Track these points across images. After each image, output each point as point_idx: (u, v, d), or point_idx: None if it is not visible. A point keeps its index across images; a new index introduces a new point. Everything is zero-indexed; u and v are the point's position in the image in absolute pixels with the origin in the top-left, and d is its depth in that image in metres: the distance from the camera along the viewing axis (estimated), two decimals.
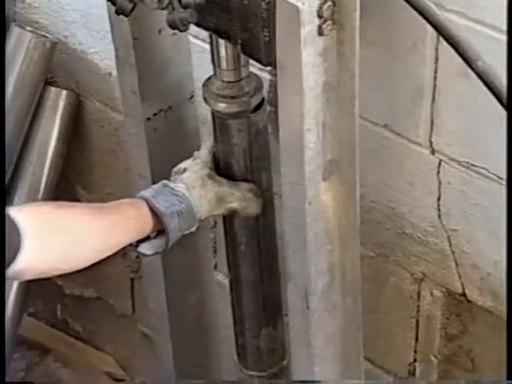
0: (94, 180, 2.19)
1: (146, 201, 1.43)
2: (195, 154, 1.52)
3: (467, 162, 1.50)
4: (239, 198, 1.48)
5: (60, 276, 2.40)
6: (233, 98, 1.44)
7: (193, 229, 1.47)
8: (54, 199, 2.17)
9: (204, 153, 1.51)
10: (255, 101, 1.45)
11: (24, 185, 2.12)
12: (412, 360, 1.74)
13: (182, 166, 1.50)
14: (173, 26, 1.33)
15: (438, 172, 1.54)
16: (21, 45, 2.00)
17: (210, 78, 1.46)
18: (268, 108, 1.54)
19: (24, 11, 2.05)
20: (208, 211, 1.47)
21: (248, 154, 1.49)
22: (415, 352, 1.73)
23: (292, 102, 1.26)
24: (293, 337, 1.47)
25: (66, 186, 2.22)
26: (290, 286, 1.43)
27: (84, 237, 1.35)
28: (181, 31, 1.34)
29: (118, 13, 1.38)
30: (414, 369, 1.75)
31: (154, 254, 1.45)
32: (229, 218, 1.57)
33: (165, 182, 1.47)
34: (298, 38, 1.20)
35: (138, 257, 2.14)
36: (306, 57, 1.22)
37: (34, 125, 2.09)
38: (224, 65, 1.43)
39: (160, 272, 1.70)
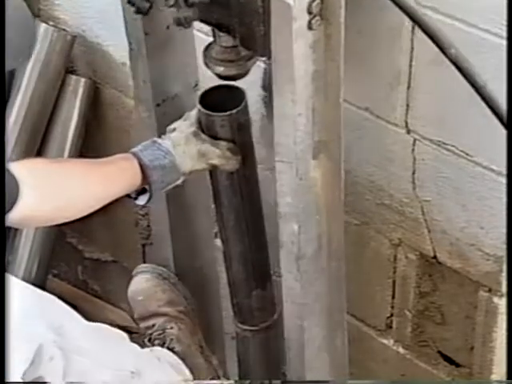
0: None
1: (134, 155, 1.42)
2: (186, 114, 1.51)
3: (439, 141, 1.50)
4: (218, 155, 1.47)
5: (80, 241, 2.40)
6: (230, 61, 1.42)
7: (178, 182, 1.46)
8: None
9: (193, 114, 1.49)
10: (250, 64, 1.42)
11: None
12: (389, 314, 1.74)
13: (173, 125, 1.49)
14: (178, 23, 1.32)
15: (413, 149, 1.54)
16: (45, 38, 1.99)
17: (209, 44, 1.43)
18: (262, 93, 1.53)
19: (47, 8, 2.04)
20: (191, 166, 1.46)
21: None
22: (392, 307, 1.73)
23: (285, 89, 1.25)
24: (285, 295, 1.47)
25: None
26: (282, 252, 1.43)
27: (80, 186, 1.34)
28: (185, 27, 1.33)
29: (137, 12, 1.37)
30: (391, 322, 1.75)
31: (146, 203, 1.44)
32: (219, 200, 1.56)
33: (155, 139, 1.46)
34: (290, 32, 1.19)
35: (148, 225, 2.14)
36: (297, 49, 1.21)
37: (57, 108, 2.08)
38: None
39: (168, 240, 1.70)
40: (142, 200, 1.44)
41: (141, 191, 1.44)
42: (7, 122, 1.99)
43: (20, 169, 1.25)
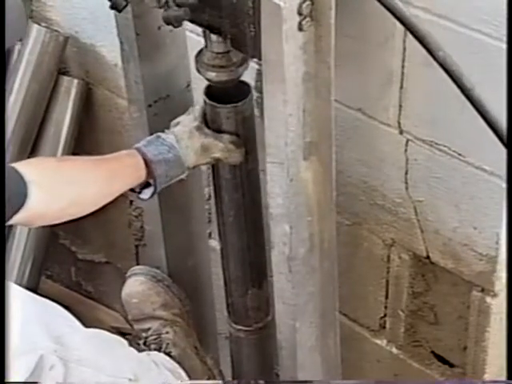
0: None
1: (139, 150, 1.44)
2: (190, 109, 1.52)
3: (431, 141, 1.50)
4: (221, 149, 1.48)
5: (73, 243, 2.40)
6: (222, 67, 1.43)
7: (182, 176, 1.48)
8: None
9: (197, 108, 1.51)
10: (242, 70, 1.44)
11: None
12: (383, 315, 1.75)
13: (177, 120, 1.50)
14: (167, 22, 1.33)
15: (406, 150, 1.54)
16: (37, 39, 1.99)
17: (201, 50, 1.45)
18: (255, 94, 1.53)
19: (40, 9, 2.04)
20: (195, 160, 1.47)
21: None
22: (385, 308, 1.73)
23: (275, 89, 1.26)
24: (277, 296, 1.47)
25: None
26: (273, 253, 1.43)
27: (88, 184, 1.35)
28: (175, 27, 1.34)
29: (112, 7, 1.38)
30: (385, 322, 1.75)
31: (149, 197, 1.46)
32: (219, 194, 1.57)
33: (158, 134, 1.47)
34: (280, 33, 1.20)
35: (141, 226, 2.14)
36: (288, 50, 1.21)
37: (50, 109, 2.08)
38: (214, 38, 1.42)
39: (161, 240, 1.70)
40: (145, 194, 1.45)
41: (144, 185, 1.45)
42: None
43: (27, 168, 1.25)
